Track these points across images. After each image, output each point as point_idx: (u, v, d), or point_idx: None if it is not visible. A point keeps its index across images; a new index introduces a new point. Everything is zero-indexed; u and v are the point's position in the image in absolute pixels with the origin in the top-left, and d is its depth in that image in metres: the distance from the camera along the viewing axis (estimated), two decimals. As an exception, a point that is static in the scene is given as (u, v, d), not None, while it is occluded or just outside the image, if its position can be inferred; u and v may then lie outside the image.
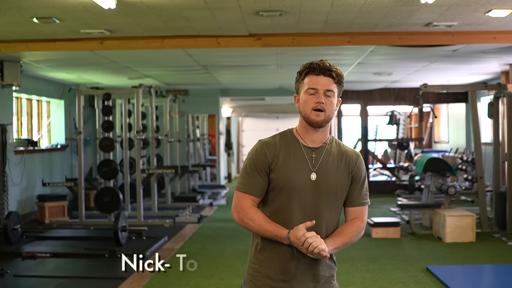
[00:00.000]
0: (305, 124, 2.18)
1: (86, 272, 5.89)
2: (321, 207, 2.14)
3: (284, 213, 2.13)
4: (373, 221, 7.53)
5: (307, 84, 2.15)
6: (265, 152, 2.15)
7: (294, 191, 2.12)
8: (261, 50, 7.17)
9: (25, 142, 9.14)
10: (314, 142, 2.18)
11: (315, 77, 2.15)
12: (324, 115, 2.13)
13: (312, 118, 2.14)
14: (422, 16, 5.52)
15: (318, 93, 2.13)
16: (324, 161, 2.16)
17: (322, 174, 2.14)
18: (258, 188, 2.15)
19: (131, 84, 10.60)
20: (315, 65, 2.16)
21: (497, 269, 5.97)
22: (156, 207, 9.39)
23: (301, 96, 2.18)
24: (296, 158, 2.15)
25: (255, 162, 2.16)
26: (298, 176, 2.13)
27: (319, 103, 2.12)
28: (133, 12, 5.23)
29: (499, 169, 8.02)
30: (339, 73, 2.17)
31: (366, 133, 13.07)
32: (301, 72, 2.19)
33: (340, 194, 2.18)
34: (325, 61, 2.18)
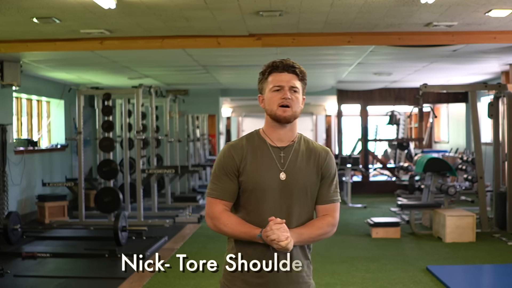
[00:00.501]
0: (271, 123, 2.16)
1: (86, 272, 5.89)
2: (292, 206, 2.12)
3: (256, 215, 2.11)
4: (373, 221, 7.53)
5: (271, 82, 2.14)
6: (233, 155, 2.14)
7: (264, 192, 2.10)
8: (261, 50, 7.16)
9: (25, 142, 9.14)
10: (281, 141, 2.16)
11: (279, 74, 2.14)
12: (291, 111, 2.12)
13: (279, 114, 2.12)
14: (422, 16, 5.52)
15: (283, 89, 2.12)
16: (293, 160, 2.14)
17: (291, 173, 2.12)
18: (229, 192, 2.13)
19: (131, 84, 10.60)
20: (278, 63, 2.15)
21: (497, 269, 5.97)
22: (156, 207, 9.38)
23: (266, 95, 2.16)
24: (264, 158, 2.13)
25: (224, 166, 2.14)
26: (267, 177, 2.11)
27: (285, 99, 2.11)
28: (133, 12, 5.23)
29: (499, 169, 8.02)
30: (302, 70, 2.17)
31: (366, 133, 13.08)
32: (263, 72, 2.18)
33: (311, 193, 2.16)
34: (288, 59, 2.17)
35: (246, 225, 2.09)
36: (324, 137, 17.77)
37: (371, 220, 7.60)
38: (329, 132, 16.62)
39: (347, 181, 10.67)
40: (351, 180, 11.06)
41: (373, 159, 14.10)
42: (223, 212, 2.12)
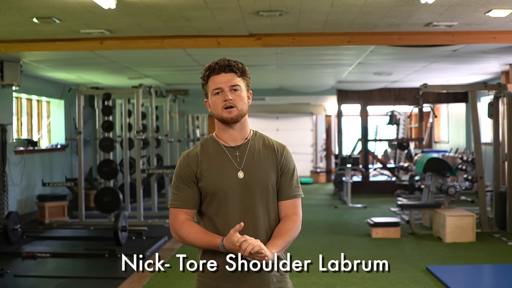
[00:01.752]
0: (221, 125, 2.15)
1: (86, 272, 5.89)
2: (256, 204, 2.10)
3: (220, 218, 2.10)
4: (373, 221, 7.53)
5: (211, 85, 2.13)
6: (188, 163, 2.13)
7: (225, 193, 2.09)
8: (261, 50, 7.17)
9: (25, 142, 9.14)
10: (235, 141, 2.15)
11: (217, 76, 2.12)
12: (236, 110, 2.10)
13: (225, 116, 2.11)
14: (422, 16, 5.52)
15: (223, 91, 2.10)
16: (249, 157, 2.13)
17: (249, 171, 2.11)
18: (190, 199, 2.12)
19: (131, 84, 10.61)
20: (214, 64, 2.13)
21: (497, 269, 5.97)
22: (156, 207, 9.38)
23: (210, 99, 2.15)
24: (220, 160, 2.12)
25: (181, 175, 2.13)
26: (225, 178, 2.10)
27: (227, 101, 2.09)
28: (133, 12, 5.23)
29: (499, 169, 8.02)
30: (240, 66, 2.14)
31: (366, 133, 13.08)
32: (203, 76, 2.16)
33: (273, 188, 2.14)
34: (223, 58, 2.15)
35: (207, 233, 2.07)
36: (324, 137, 17.76)
37: (371, 220, 7.60)
38: (329, 132, 16.60)
39: (347, 181, 10.67)
40: (351, 180, 11.07)
41: (373, 159, 14.10)
42: (185, 221, 2.10)
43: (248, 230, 2.06)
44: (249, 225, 2.07)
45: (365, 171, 12.43)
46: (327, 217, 9.32)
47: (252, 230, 2.08)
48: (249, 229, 2.07)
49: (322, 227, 8.36)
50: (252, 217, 2.09)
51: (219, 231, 2.09)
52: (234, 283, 2.08)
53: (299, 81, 11.51)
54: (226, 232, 2.05)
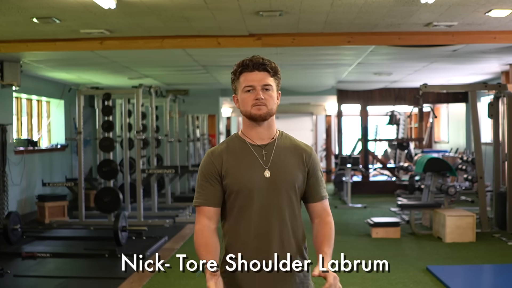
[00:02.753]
0: (248, 122, 2.13)
1: (86, 272, 5.89)
2: (281, 204, 2.09)
3: (245, 216, 2.08)
4: (373, 221, 7.53)
5: (243, 82, 2.10)
6: (212, 161, 2.12)
7: (251, 192, 2.07)
8: (261, 50, 7.16)
9: (25, 142, 9.14)
10: (262, 140, 2.13)
11: (250, 73, 2.09)
12: (266, 108, 2.08)
13: (254, 113, 2.09)
14: (422, 16, 5.52)
15: (255, 89, 2.08)
16: (276, 156, 2.11)
17: (276, 170, 2.09)
18: (213, 197, 2.11)
19: (131, 84, 10.60)
20: (247, 61, 2.10)
21: (497, 269, 5.97)
22: (156, 207, 9.38)
23: (239, 96, 2.13)
24: (246, 159, 2.10)
25: (204, 173, 2.12)
26: (251, 176, 2.08)
27: (258, 100, 2.07)
28: (133, 12, 5.23)
29: (499, 169, 8.02)
30: (273, 66, 2.12)
31: (366, 133, 13.08)
32: (234, 71, 2.13)
33: (299, 189, 2.13)
34: (257, 56, 2.11)
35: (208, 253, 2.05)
36: (324, 137, 17.76)
37: (371, 220, 7.60)
38: (329, 132, 16.60)
39: (347, 181, 10.67)
40: (351, 180, 11.06)
41: (373, 159, 14.10)
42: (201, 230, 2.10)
43: (274, 229, 2.06)
44: (274, 224, 2.07)
45: (365, 171, 12.43)
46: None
47: (278, 229, 2.07)
48: (274, 228, 2.07)
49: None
50: (277, 216, 2.08)
51: (243, 230, 2.09)
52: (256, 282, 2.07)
53: (299, 81, 11.51)
54: (250, 230, 2.06)
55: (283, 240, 2.08)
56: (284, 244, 2.09)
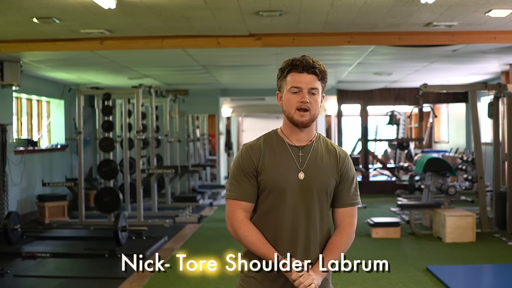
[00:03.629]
0: (289, 124, 2.11)
1: (86, 272, 5.89)
2: (312, 206, 2.08)
3: (274, 215, 2.08)
4: (373, 221, 7.53)
5: (290, 82, 2.08)
6: (250, 156, 2.10)
7: (283, 191, 2.07)
8: (261, 50, 7.17)
9: (25, 142, 9.14)
10: (300, 141, 2.12)
11: (298, 75, 2.06)
12: (309, 115, 2.07)
13: (296, 119, 2.07)
14: (422, 16, 5.52)
15: (302, 92, 2.06)
16: (312, 159, 2.10)
17: (310, 173, 2.08)
18: (249, 193, 2.09)
19: (131, 84, 10.60)
20: (297, 62, 2.07)
21: (497, 269, 5.97)
22: (156, 207, 9.38)
23: (284, 95, 2.10)
24: (282, 158, 2.09)
25: (242, 167, 2.10)
26: (286, 176, 2.07)
27: (303, 103, 2.05)
28: (133, 12, 5.23)
29: (499, 169, 8.02)
30: (322, 69, 2.09)
31: (366, 133, 13.07)
32: (283, 69, 2.10)
33: (330, 193, 2.12)
34: (307, 57, 2.09)
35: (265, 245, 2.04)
36: (324, 137, 17.77)
37: (371, 220, 7.60)
38: (329, 132, 16.61)
39: (347, 181, 10.65)
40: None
41: (373, 159, 14.10)
42: (245, 221, 2.07)
43: (301, 231, 2.07)
44: (302, 227, 2.07)
45: (365, 171, 12.43)
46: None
47: (304, 231, 2.08)
48: (301, 231, 2.07)
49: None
50: (306, 218, 2.07)
51: (270, 228, 2.08)
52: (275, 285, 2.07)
53: (299, 81, 11.50)
54: (277, 229, 2.06)
55: (310, 243, 2.08)
56: (310, 247, 2.09)
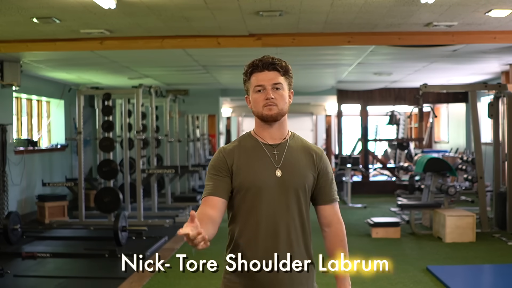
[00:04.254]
0: (260, 123, 2.14)
1: (86, 272, 5.89)
2: (290, 203, 2.08)
3: (253, 213, 2.07)
4: (373, 221, 7.53)
5: (253, 82, 2.11)
6: (223, 157, 2.11)
7: (261, 190, 2.07)
8: (261, 50, 7.15)
9: (25, 142, 9.13)
10: (274, 139, 2.13)
11: (260, 73, 2.10)
12: (277, 108, 2.09)
13: (265, 114, 2.09)
14: (422, 16, 5.52)
15: (265, 89, 2.09)
16: (288, 156, 2.11)
17: (287, 170, 2.09)
18: (221, 188, 2.08)
19: (131, 84, 10.60)
20: (257, 62, 2.11)
21: (497, 269, 5.97)
22: (156, 207, 9.38)
23: (251, 96, 2.14)
24: (258, 157, 2.10)
25: (214, 167, 2.11)
26: (262, 175, 2.08)
27: (268, 100, 2.08)
28: (133, 12, 5.23)
29: (499, 169, 8.01)
30: (283, 65, 2.12)
31: (366, 133, 13.07)
32: (245, 72, 2.15)
33: (308, 189, 2.13)
34: (267, 56, 2.12)
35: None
36: (324, 137, 17.77)
37: (371, 220, 7.60)
38: (329, 132, 16.61)
39: (347, 181, 10.67)
40: (351, 180, 11.06)
41: (373, 159, 14.09)
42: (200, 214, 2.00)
43: (282, 228, 2.07)
44: (282, 224, 2.07)
45: (365, 171, 12.43)
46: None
47: (285, 228, 2.08)
48: (282, 228, 2.07)
49: (322, 227, 8.35)
50: (286, 215, 2.07)
51: (252, 227, 2.07)
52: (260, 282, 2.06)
53: (299, 81, 11.51)
54: (258, 228, 2.06)
55: (292, 240, 2.08)
56: (292, 244, 2.08)
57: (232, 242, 2.13)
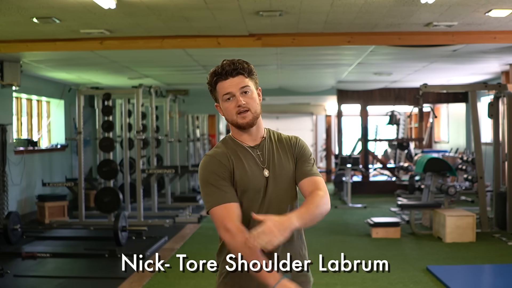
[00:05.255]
0: (237, 129, 2.11)
1: (86, 272, 5.89)
2: (282, 200, 2.09)
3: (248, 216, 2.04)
4: (373, 221, 7.53)
5: (220, 91, 2.07)
6: (220, 161, 2.06)
7: (254, 192, 2.07)
8: (261, 50, 7.16)
9: (25, 142, 9.14)
10: (254, 141, 2.12)
11: (224, 82, 2.06)
12: (250, 114, 2.06)
13: (240, 122, 2.06)
14: (422, 16, 5.52)
15: (235, 96, 2.05)
16: (270, 155, 2.11)
17: (273, 169, 2.09)
18: (233, 193, 2.04)
19: (131, 84, 10.60)
20: (219, 70, 2.07)
21: (497, 269, 5.97)
22: (156, 207, 9.38)
23: (221, 105, 2.09)
24: (246, 159, 2.09)
25: (217, 173, 2.04)
26: (254, 176, 2.07)
27: (240, 106, 2.04)
28: (133, 12, 5.23)
29: (499, 169, 8.02)
30: (246, 66, 2.08)
31: (366, 133, 13.07)
32: (209, 82, 2.11)
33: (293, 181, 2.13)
34: (227, 62, 2.08)
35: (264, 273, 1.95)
36: (324, 137, 17.76)
37: (371, 220, 7.60)
38: (329, 132, 16.60)
39: (347, 181, 10.67)
40: (351, 180, 11.06)
41: (373, 159, 14.09)
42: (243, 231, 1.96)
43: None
44: None
45: (365, 171, 12.43)
46: (327, 217, 9.17)
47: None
48: None
49: (322, 227, 8.35)
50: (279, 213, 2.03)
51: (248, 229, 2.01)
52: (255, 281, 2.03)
53: (299, 81, 11.51)
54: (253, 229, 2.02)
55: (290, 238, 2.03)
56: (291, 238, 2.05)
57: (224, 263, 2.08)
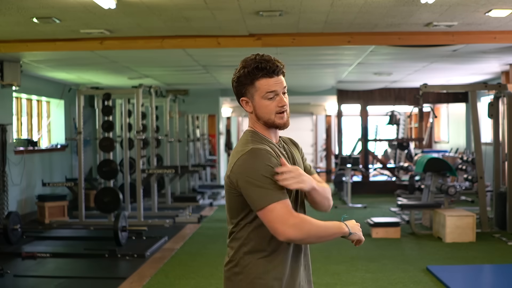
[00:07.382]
0: (266, 127, 2.04)
1: (86, 272, 5.89)
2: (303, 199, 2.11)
3: None
4: (373, 221, 7.53)
5: (263, 88, 1.98)
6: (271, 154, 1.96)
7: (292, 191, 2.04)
8: (261, 50, 7.15)
9: (25, 142, 9.14)
10: (276, 140, 2.09)
11: (270, 79, 1.98)
12: (286, 115, 2.04)
13: (278, 122, 2.01)
14: (422, 16, 5.52)
15: (278, 95, 2.00)
16: (289, 153, 2.11)
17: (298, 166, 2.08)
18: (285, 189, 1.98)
19: (131, 84, 10.61)
20: (264, 65, 1.97)
21: (497, 269, 5.98)
22: (156, 207, 9.39)
23: (256, 102, 2.00)
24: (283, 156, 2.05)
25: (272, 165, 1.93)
26: None
27: (282, 107, 2.00)
28: (133, 12, 5.23)
29: (499, 169, 8.02)
30: (284, 65, 2.04)
31: (366, 133, 13.08)
32: (246, 75, 1.99)
33: None
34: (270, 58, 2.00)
35: (330, 223, 2.02)
36: (324, 137, 17.76)
37: (371, 220, 7.60)
38: (329, 132, 16.60)
39: (347, 181, 10.67)
40: (351, 180, 11.06)
41: (373, 159, 14.10)
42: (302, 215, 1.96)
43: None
44: None
45: (365, 171, 12.43)
46: (327, 217, 9.30)
47: None
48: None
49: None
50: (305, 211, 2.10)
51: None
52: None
53: (299, 81, 11.51)
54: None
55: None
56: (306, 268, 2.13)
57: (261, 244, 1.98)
